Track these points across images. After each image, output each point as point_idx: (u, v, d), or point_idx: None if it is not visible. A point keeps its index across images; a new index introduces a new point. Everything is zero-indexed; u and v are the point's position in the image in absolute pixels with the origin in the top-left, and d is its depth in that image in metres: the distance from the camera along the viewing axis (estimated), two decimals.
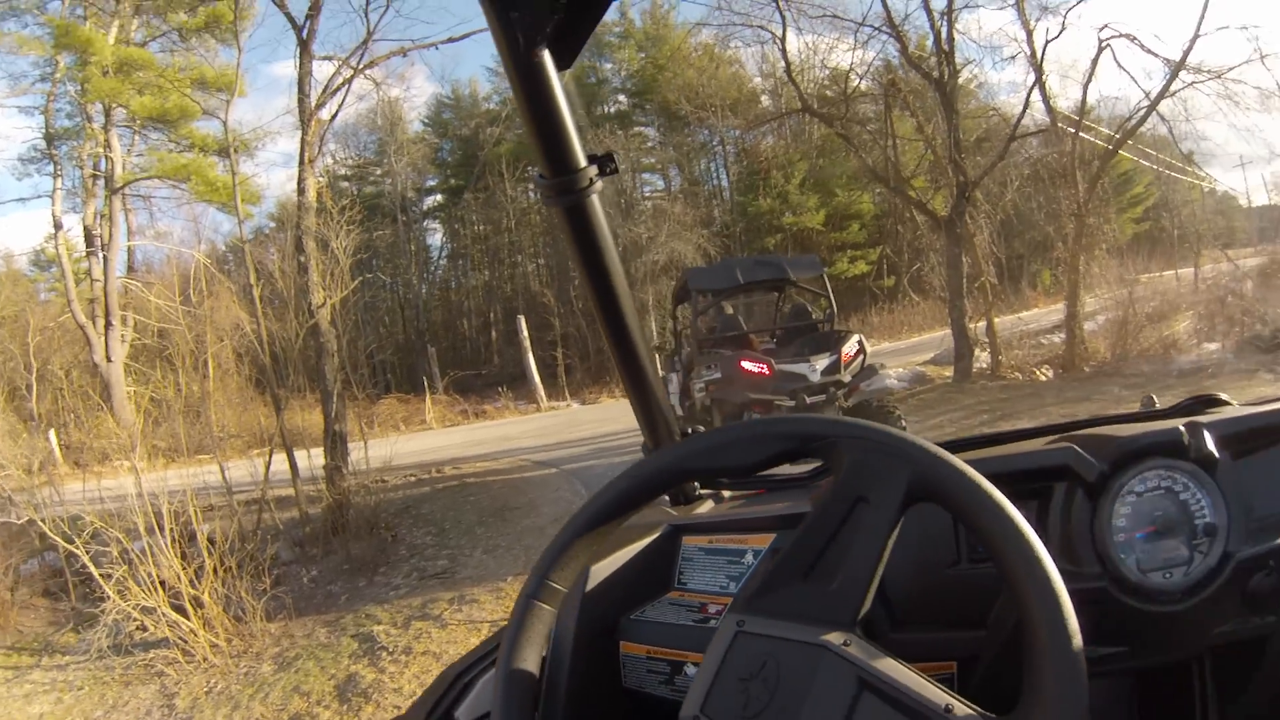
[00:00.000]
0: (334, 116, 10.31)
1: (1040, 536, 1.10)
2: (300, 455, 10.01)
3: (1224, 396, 1.53)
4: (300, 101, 9.96)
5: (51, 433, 22.72)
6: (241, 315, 26.29)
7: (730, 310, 11.23)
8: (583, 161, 1.04)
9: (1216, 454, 1.22)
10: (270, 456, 9.82)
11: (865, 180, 26.03)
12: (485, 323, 37.38)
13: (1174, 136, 15.29)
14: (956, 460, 0.87)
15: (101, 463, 20.93)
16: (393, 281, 37.92)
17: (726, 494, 1.74)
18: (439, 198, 39.26)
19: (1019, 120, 15.24)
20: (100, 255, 24.64)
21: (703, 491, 1.71)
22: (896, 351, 22.06)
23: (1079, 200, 14.33)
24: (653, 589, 1.39)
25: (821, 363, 8.56)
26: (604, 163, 1.07)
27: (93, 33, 22.84)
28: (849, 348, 8.84)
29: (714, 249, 28.70)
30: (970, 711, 0.76)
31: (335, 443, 9.89)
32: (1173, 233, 27.60)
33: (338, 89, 10.19)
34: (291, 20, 9.93)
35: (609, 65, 35.24)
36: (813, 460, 1.00)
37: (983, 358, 14.70)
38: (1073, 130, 14.72)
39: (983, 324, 14.84)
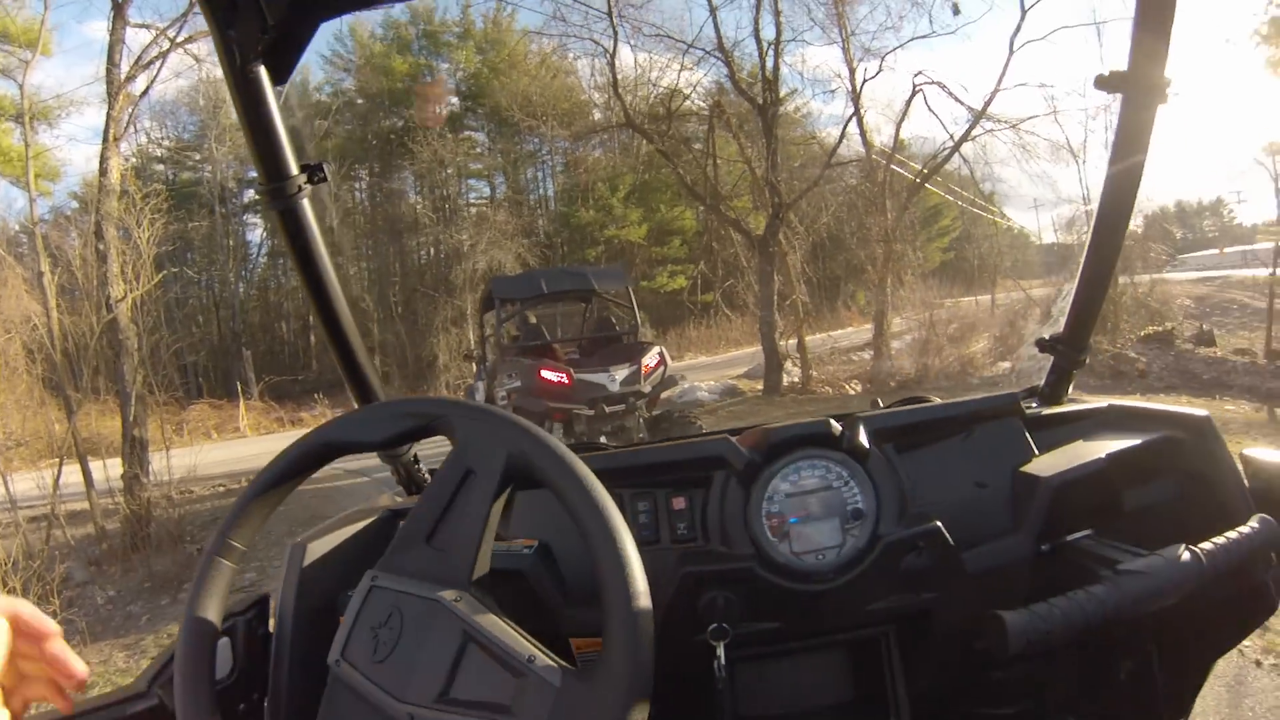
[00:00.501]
0: (146, 91, 9.55)
1: (702, 522, 1.39)
2: (97, 465, 9.51)
3: (932, 397, 1.68)
4: (109, 71, 9.12)
5: None
6: (33, 307, 24.87)
7: (534, 320, 11.20)
8: (294, 170, 1.17)
9: (868, 445, 1.35)
10: (61, 466, 9.14)
11: (686, 197, 26.87)
12: (304, 326, 35.76)
13: (974, 176, 16.93)
14: (549, 438, 0.94)
15: None
16: (206, 278, 36.04)
17: None
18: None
19: (835, 148, 16.35)
20: None
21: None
22: (712, 365, 22.67)
23: (888, 227, 15.37)
24: (369, 567, 1.30)
25: (621, 373, 8.63)
26: (313, 172, 1.20)
27: None
28: (649, 359, 8.93)
29: (534, 259, 28.65)
30: (549, 663, 0.83)
31: (135, 449, 9.33)
32: (974, 263, 29.54)
33: (152, 61, 9.46)
34: None
35: (445, 65, 34.81)
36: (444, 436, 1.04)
37: (795, 372, 15.36)
38: (884, 162, 15.80)
39: (794, 340, 15.57)
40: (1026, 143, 15.46)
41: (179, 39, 9.77)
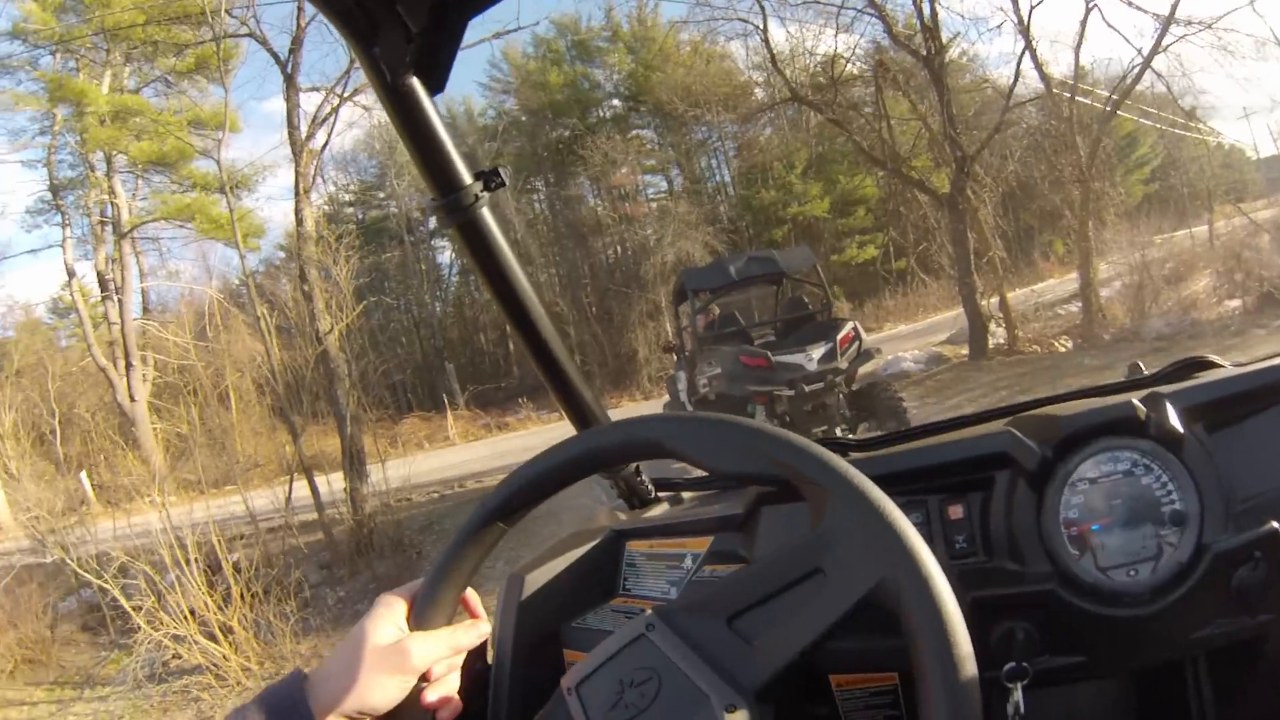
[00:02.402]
0: (325, 145, 10.30)
1: (984, 534, 1.16)
2: (322, 480, 10.16)
3: (1215, 359, 1.38)
4: (291, 134, 10.02)
5: (84, 474, 23.04)
6: (256, 347, 26.57)
7: (728, 307, 11.30)
8: (467, 179, 1.04)
9: (1181, 428, 1.08)
10: (291, 482, 10.09)
11: (866, 164, 25.98)
12: (502, 336, 35.99)
13: (1173, 93, 15.23)
14: (933, 566, 0.71)
15: (130, 500, 21.37)
16: (404, 303, 37.55)
17: (685, 495, 1.68)
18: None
19: (1013, 88, 15.14)
20: (115, 299, 24.92)
21: (659, 494, 1.66)
22: (913, 334, 21.95)
23: (1082, 165, 14.24)
24: (596, 596, 1.37)
25: (817, 352, 8.53)
26: (489, 178, 1.07)
27: (85, 84, 23.29)
28: (843, 335, 8.80)
29: (720, 245, 28.47)
30: None
31: (353, 464, 9.87)
32: (1182, 191, 27.35)
33: (325, 119, 10.22)
34: (275, 56, 10.00)
35: (599, 71, 34.86)
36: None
37: (999, 333, 14.52)
38: (1068, 95, 14.63)
39: (995, 299, 14.69)
40: (1226, 43, 13.68)
41: (346, 94, 10.48)
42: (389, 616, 0.86)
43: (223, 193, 23.63)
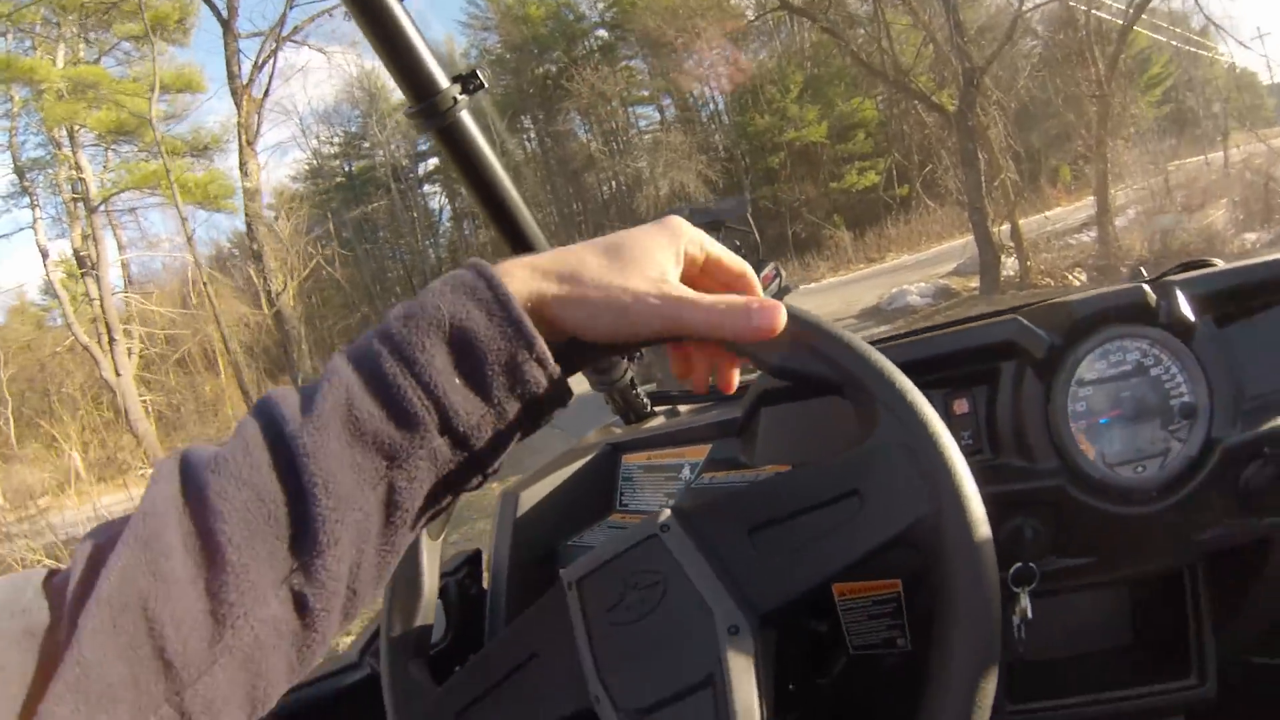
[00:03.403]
0: (266, 92, 9.30)
1: (990, 429, 1.12)
2: None
3: (1218, 261, 1.27)
4: (231, 82, 9.11)
5: (75, 453, 22.39)
6: (243, 310, 26.45)
7: None
8: (444, 83, 1.03)
9: (1193, 317, 1.04)
10: None
11: (865, 84, 25.60)
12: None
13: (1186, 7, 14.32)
14: (976, 503, 0.64)
15: (123, 475, 22.50)
16: (398, 251, 37.54)
17: (682, 409, 1.63)
18: (435, 161, 37.33)
19: None
20: (93, 274, 24.65)
21: (656, 409, 1.62)
22: (918, 264, 21.01)
23: (1100, 79, 12.96)
24: (593, 512, 1.35)
25: None
26: (467, 80, 1.06)
27: (36, 61, 22.71)
28: (765, 274, 9.31)
29: (715, 174, 28.02)
30: None
31: None
32: (1198, 114, 26.06)
33: (264, 62, 9.25)
34: (209, 3, 9.23)
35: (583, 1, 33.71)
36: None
37: (1009, 264, 13.39)
38: (1083, 6, 13.37)
39: (1006, 227, 13.51)
40: None
41: (285, 34, 9.55)
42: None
43: (197, 155, 24.82)
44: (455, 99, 1.03)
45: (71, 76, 22.83)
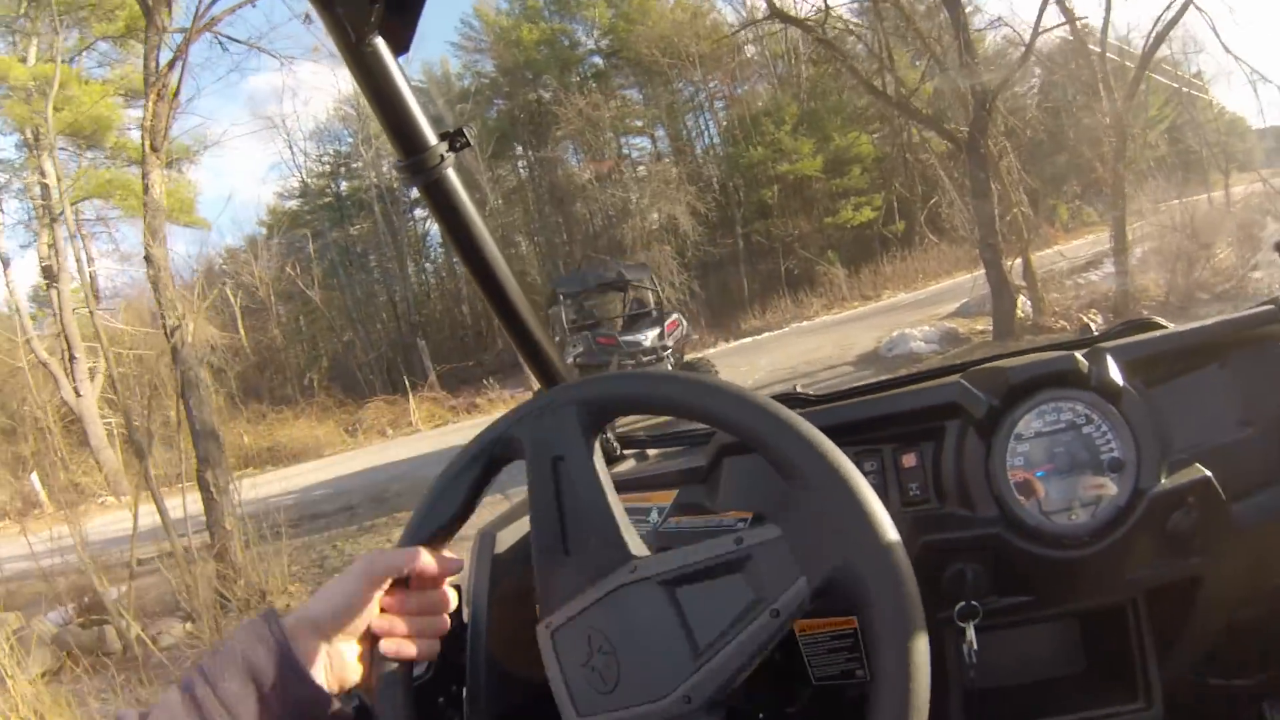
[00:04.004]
0: (176, 91, 8.21)
1: (935, 481, 1.24)
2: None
3: (1161, 321, 1.46)
4: (146, 78, 8.09)
5: (34, 475, 23.35)
6: (212, 332, 25.55)
7: (585, 307, 14.83)
8: (432, 140, 1.06)
9: (1120, 381, 1.17)
10: (137, 508, 8.05)
11: (862, 119, 25.53)
12: (483, 308, 34.98)
13: (1215, 37, 13.36)
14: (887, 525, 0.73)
15: (86, 501, 21.63)
16: (386, 275, 36.13)
17: (651, 452, 1.69)
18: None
19: (1042, 10, 12.19)
20: (55, 287, 24.08)
21: (627, 451, 1.66)
22: (915, 303, 20.06)
23: (1117, 111, 12.26)
24: None
25: (651, 334, 12.47)
26: (454, 138, 1.09)
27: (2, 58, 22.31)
28: (670, 323, 12.96)
29: (706, 206, 27.30)
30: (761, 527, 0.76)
31: (211, 494, 7.86)
32: (1200, 154, 25.74)
33: (175, 58, 8.19)
34: None
35: (578, 26, 32.88)
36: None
37: (1022, 305, 12.43)
38: (1097, 50, 12.73)
39: (1017, 263, 12.59)
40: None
41: (200, 25, 8.42)
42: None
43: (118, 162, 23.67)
44: (442, 156, 1.06)
45: (36, 75, 22.03)
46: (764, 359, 16.15)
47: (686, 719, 0.74)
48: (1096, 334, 1.48)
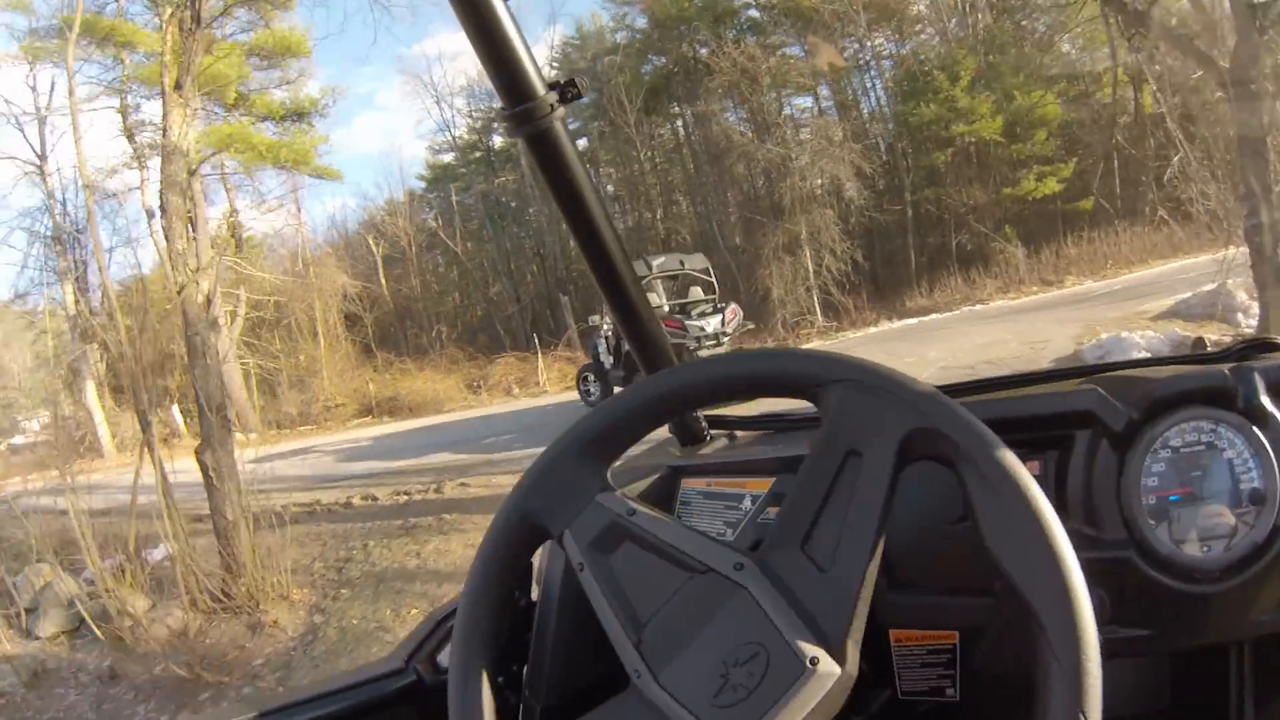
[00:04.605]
0: (197, 19, 7.02)
1: (1059, 494, 1.15)
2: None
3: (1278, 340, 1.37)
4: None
5: (175, 407, 23.73)
6: (343, 280, 26.04)
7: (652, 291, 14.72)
8: (541, 89, 1.04)
9: (1269, 405, 1.07)
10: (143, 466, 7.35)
11: (1046, 76, 23.27)
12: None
13: None
14: (957, 406, 0.77)
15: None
16: (532, 229, 35.60)
17: (740, 434, 1.65)
18: (584, 141, 35.17)
19: None
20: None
21: (714, 431, 1.65)
22: (1109, 295, 16.90)
23: None
24: None
25: (713, 323, 12.97)
26: (565, 89, 1.07)
27: (126, 24, 23.52)
28: (729, 312, 13.50)
29: (872, 167, 24.92)
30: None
31: (211, 479, 6.93)
32: None
33: None
34: None
35: None
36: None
37: (1250, 309, 10.04)
38: None
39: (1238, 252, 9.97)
40: None
41: None
42: None
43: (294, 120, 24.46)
44: (552, 106, 1.04)
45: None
46: (933, 350, 13.66)
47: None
48: (1212, 351, 1.41)
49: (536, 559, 1.07)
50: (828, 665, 0.71)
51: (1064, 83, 25.34)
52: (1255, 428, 1.05)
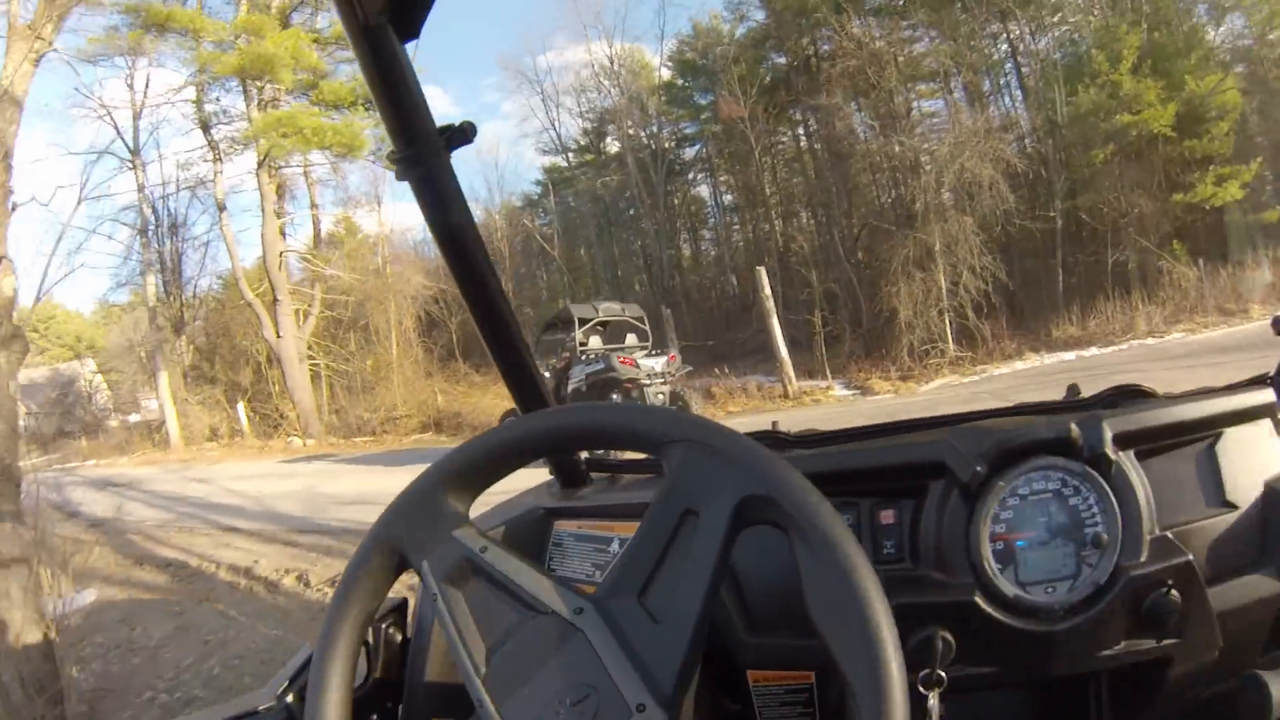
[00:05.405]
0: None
1: (912, 541, 1.25)
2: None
3: (1150, 388, 1.49)
4: None
5: (241, 405, 26.26)
6: (420, 281, 25.03)
7: (595, 333, 16.03)
8: (430, 134, 1.09)
9: (1112, 454, 1.17)
10: None
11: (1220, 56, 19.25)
12: (740, 281, 32.68)
13: None
14: (795, 475, 0.83)
15: (272, 437, 24.41)
16: (640, 235, 34.69)
17: (621, 477, 1.71)
18: (701, 147, 34.32)
19: None
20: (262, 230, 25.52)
21: (595, 474, 1.71)
22: None
23: None
24: None
25: (659, 363, 13.82)
26: (454, 135, 1.10)
27: (182, 11, 23.58)
28: (669, 355, 14.26)
29: (1023, 163, 21.18)
30: None
31: None
32: None
33: None
34: None
35: None
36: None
37: None
38: None
39: None
40: None
41: None
42: None
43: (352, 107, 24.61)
44: (439, 152, 1.09)
45: (240, 26, 23.28)
46: None
47: None
48: (1083, 398, 1.52)
49: (413, 598, 1.26)
50: (654, 712, 0.76)
51: (1243, 62, 21.28)
52: (1099, 476, 1.14)
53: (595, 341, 15.81)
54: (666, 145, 33.25)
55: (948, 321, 19.62)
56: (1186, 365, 12.06)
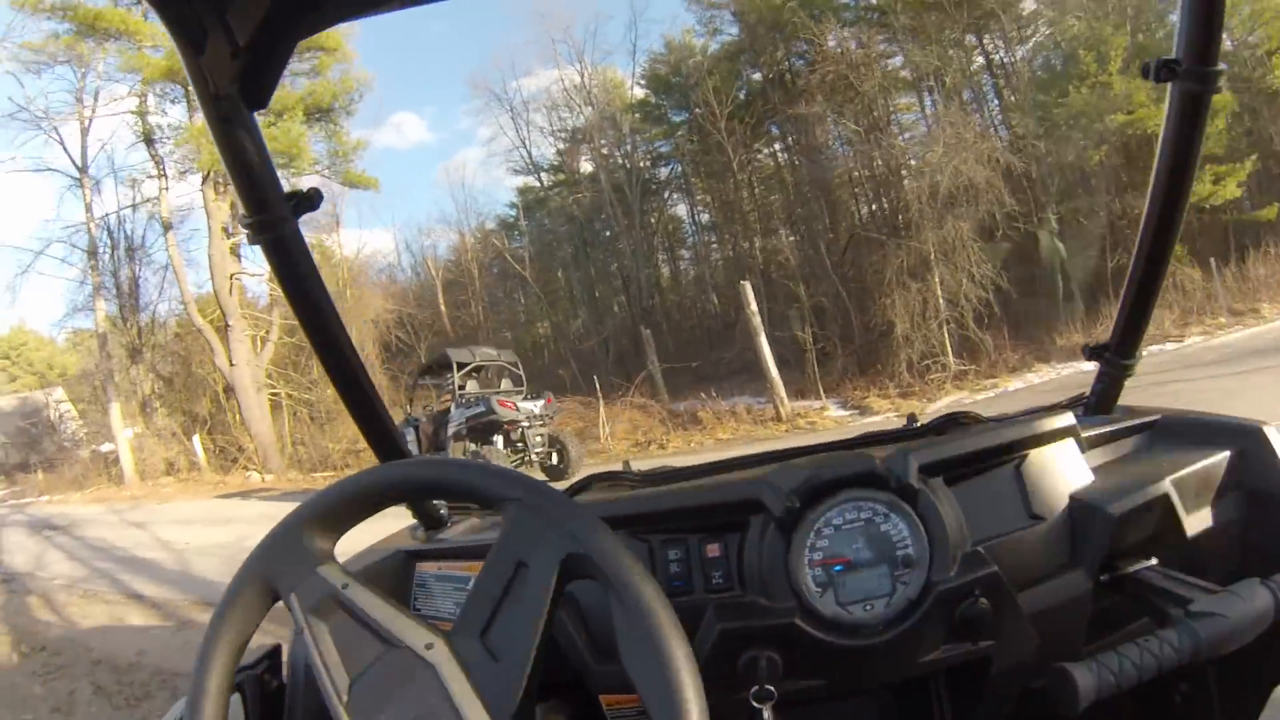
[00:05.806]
0: None
1: (738, 571, 1.33)
2: None
3: (977, 415, 1.70)
4: None
5: (197, 437, 25.18)
6: (379, 304, 24.07)
7: (472, 377, 16.65)
8: (279, 200, 1.16)
9: (917, 484, 1.27)
10: None
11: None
12: (723, 299, 31.63)
13: None
14: (612, 538, 0.92)
15: (230, 471, 23.62)
16: (617, 255, 34.08)
17: (481, 518, 1.77)
18: (677, 165, 33.91)
19: None
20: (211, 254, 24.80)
21: (456, 516, 1.78)
22: None
23: None
24: None
25: (538, 405, 14.49)
26: (301, 200, 1.18)
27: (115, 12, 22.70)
28: (546, 399, 15.00)
29: (1019, 164, 20.35)
30: None
31: None
32: None
33: None
34: None
35: None
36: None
37: None
38: None
39: None
40: None
41: None
42: None
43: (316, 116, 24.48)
44: (287, 217, 1.16)
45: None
46: None
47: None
48: (918, 425, 1.71)
49: (286, 643, 1.24)
50: None
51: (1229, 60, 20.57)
52: (906, 504, 1.24)
53: (472, 385, 16.34)
54: (641, 164, 33.02)
55: (947, 333, 18.76)
56: (1236, 372, 10.90)
